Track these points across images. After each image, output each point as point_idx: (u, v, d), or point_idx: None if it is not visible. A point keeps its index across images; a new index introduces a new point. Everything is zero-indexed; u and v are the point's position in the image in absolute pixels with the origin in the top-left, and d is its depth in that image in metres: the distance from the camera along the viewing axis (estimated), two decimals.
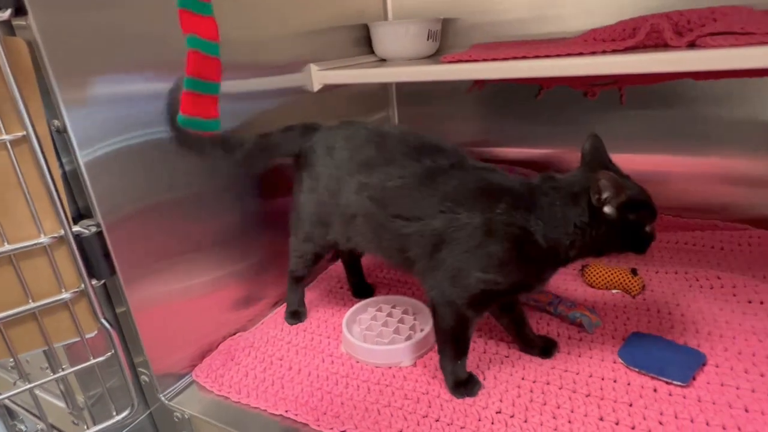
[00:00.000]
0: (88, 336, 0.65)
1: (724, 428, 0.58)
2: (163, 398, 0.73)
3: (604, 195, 0.60)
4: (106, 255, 0.64)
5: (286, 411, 0.68)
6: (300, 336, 0.84)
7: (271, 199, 0.91)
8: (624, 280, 0.87)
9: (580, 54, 0.74)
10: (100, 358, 0.66)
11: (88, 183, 0.61)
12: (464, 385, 0.68)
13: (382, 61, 1.09)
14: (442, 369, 0.70)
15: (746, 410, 0.60)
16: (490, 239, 0.63)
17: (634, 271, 0.88)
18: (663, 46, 0.72)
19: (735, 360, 0.69)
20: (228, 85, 0.78)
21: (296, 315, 0.90)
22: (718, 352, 0.70)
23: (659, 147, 1.05)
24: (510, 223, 0.62)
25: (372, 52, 1.11)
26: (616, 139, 1.07)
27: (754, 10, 0.69)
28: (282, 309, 0.93)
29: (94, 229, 0.63)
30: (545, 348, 0.74)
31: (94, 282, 0.64)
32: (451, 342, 0.68)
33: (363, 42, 1.11)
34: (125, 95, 0.65)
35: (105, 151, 0.63)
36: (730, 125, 0.97)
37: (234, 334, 0.86)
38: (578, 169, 0.68)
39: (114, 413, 0.69)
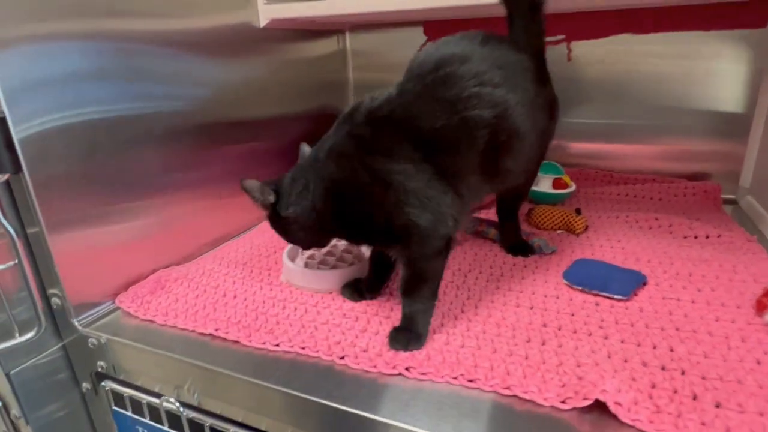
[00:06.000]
0: None
1: (662, 329, 0.58)
2: (77, 324, 0.66)
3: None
4: (9, 146, 0.57)
5: (216, 330, 0.63)
6: (239, 269, 0.79)
7: (217, 147, 0.87)
8: (568, 220, 0.87)
9: None
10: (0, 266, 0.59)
11: None
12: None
13: None
14: (424, 313, 0.60)
15: (686, 316, 0.61)
16: None
17: (578, 211, 0.89)
18: None
19: (673, 280, 0.69)
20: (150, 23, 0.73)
21: None
22: (658, 274, 0.71)
23: (615, 135, 1.09)
24: None
25: None
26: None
27: None
28: (222, 249, 0.87)
29: None
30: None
31: None
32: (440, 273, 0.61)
33: None
34: None
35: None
36: (676, 113, 1.03)
37: (167, 267, 0.79)
38: None
39: (17, 335, 0.62)
